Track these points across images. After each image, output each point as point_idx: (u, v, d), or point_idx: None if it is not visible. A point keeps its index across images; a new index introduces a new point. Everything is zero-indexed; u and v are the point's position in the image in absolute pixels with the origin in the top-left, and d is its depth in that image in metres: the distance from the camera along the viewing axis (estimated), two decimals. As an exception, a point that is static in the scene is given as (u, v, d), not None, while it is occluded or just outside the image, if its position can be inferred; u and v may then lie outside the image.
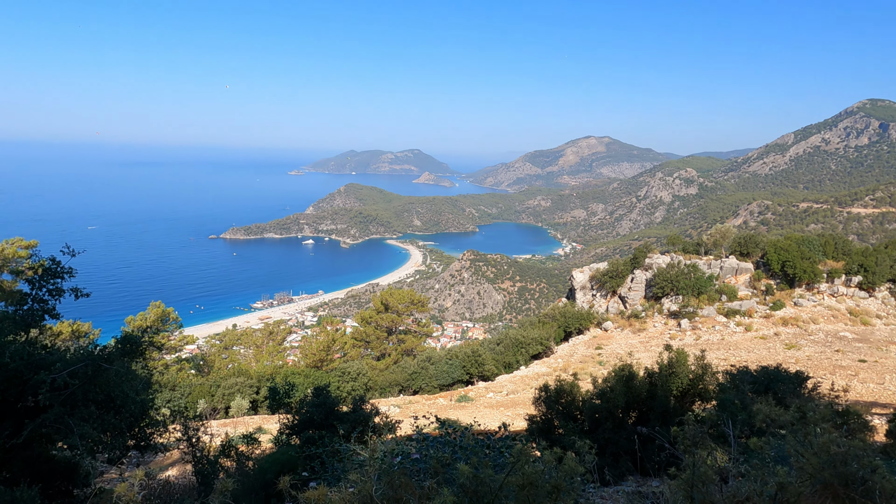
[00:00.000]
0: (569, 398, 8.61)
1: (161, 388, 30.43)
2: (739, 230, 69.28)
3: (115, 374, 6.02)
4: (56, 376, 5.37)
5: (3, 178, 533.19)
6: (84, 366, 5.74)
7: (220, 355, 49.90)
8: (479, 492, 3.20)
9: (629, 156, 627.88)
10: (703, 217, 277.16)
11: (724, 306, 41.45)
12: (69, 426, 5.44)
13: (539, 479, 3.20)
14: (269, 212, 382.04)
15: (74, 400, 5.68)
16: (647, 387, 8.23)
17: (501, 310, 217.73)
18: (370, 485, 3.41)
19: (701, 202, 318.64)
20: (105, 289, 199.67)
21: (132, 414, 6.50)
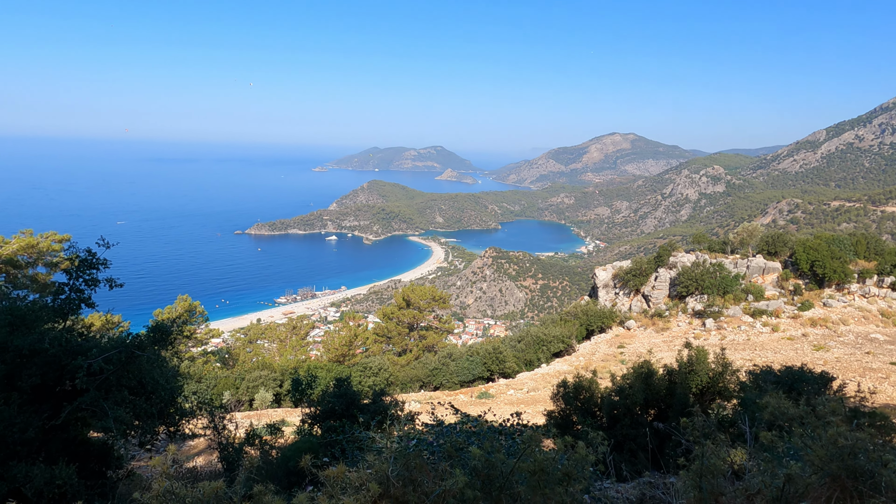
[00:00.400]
0: (587, 394, 8.62)
1: (187, 380, 31.16)
2: (768, 229, 67.89)
3: (147, 360, 6.28)
4: (92, 362, 5.63)
5: (40, 174, 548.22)
6: (118, 352, 5.99)
7: (244, 349, 50.69)
8: (491, 475, 3.27)
9: (655, 153, 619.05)
10: (731, 215, 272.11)
11: (751, 306, 40.75)
12: (104, 409, 5.70)
13: (550, 465, 3.26)
14: (293, 208, 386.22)
15: (109, 385, 5.95)
16: (666, 384, 8.20)
17: (523, 307, 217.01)
18: (386, 465, 3.52)
19: (728, 200, 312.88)
20: (134, 283, 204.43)
21: (162, 400, 6.75)
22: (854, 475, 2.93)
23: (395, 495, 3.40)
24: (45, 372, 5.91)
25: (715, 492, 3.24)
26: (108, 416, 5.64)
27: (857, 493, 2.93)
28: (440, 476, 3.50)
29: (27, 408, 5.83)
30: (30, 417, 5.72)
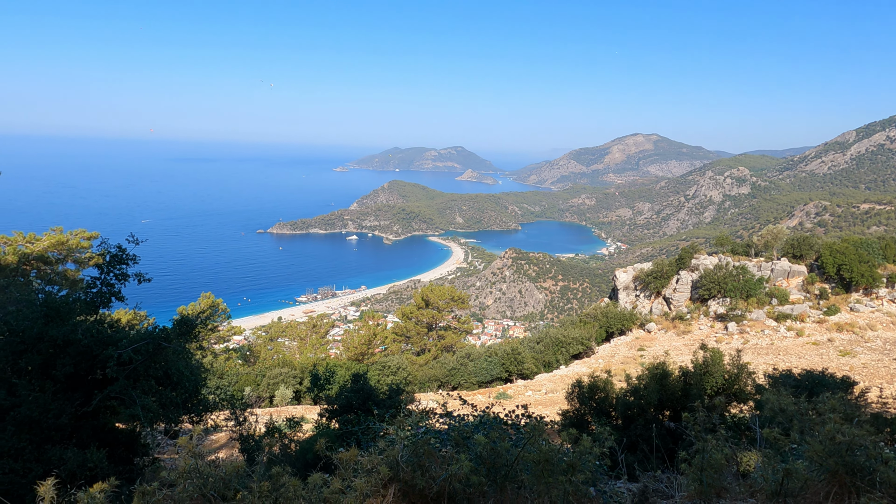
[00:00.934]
0: (602, 394, 8.65)
1: (210, 374, 31.70)
2: (794, 231, 66.71)
3: (172, 352, 6.51)
4: (122, 352, 5.88)
5: (70, 173, 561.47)
6: (146, 343, 6.25)
7: (265, 346, 51.35)
8: (497, 462, 3.37)
9: (678, 154, 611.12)
10: (756, 217, 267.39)
11: (775, 310, 40.10)
12: (132, 398, 5.96)
13: (555, 456, 3.35)
14: (314, 207, 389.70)
15: (137, 374, 6.20)
16: (680, 385, 8.19)
17: (543, 309, 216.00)
18: (396, 451, 3.64)
19: (753, 202, 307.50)
20: (159, 280, 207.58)
21: (186, 390, 7.00)
22: (851, 471, 2.95)
23: (405, 479, 3.53)
24: (77, 361, 6.20)
25: (716, 485, 3.29)
26: (136, 404, 5.91)
27: (854, 488, 2.96)
28: (447, 462, 3.61)
29: (61, 395, 6.14)
30: (63, 404, 6.02)
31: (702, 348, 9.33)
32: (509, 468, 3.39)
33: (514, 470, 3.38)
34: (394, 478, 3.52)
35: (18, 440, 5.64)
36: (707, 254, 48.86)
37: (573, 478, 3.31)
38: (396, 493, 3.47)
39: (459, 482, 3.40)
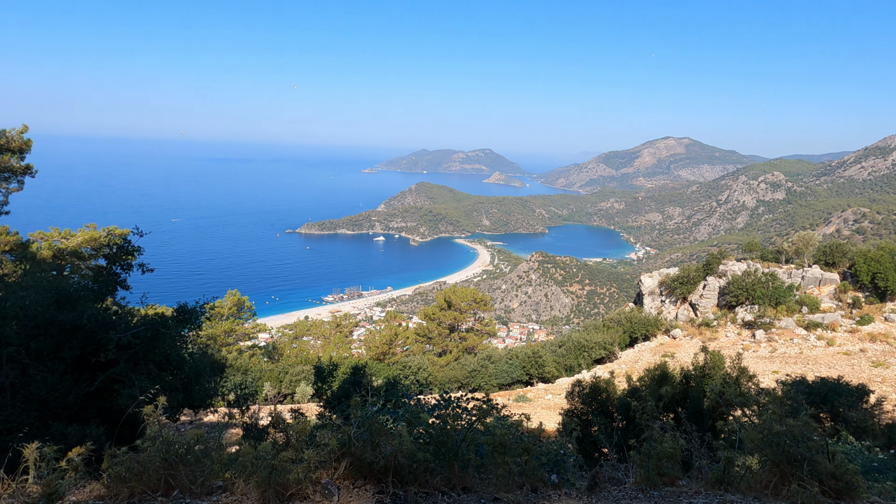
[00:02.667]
0: (604, 395, 8.64)
1: (231, 368, 32.46)
2: (831, 239, 64.91)
3: (170, 338, 6.81)
4: (121, 336, 6.17)
5: (109, 171, 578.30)
6: (144, 329, 6.55)
7: (290, 344, 52.11)
8: (446, 442, 3.48)
9: (710, 158, 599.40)
10: (791, 224, 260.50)
11: (805, 318, 39.13)
12: (131, 380, 6.26)
13: (510, 440, 3.44)
14: (342, 208, 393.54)
15: (137, 358, 6.51)
16: (680, 387, 8.14)
17: (569, 313, 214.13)
18: (350, 428, 3.81)
19: (788, 208, 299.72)
20: (189, 277, 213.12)
21: (186, 376, 7.30)
22: (791, 461, 2.96)
23: (356, 453, 3.68)
24: (84, 345, 6.54)
25: (668, 474, 3.33)
26: (135, 386, 6.21)
27: (795, 478, 2.96)
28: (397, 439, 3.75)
29: (68, 376, 6.49)
30: (70, 385, 6.37)
31: (702, 350, 9.25)
32: (457, 447, 3.50)
33: (462, 449, 3.49)
34: (347, 452, 3.68)
35: (27, 416, 6.02)
36: (735, 260, 47.92)
37: (527, 461, 3.40)
38: (348, 466, 3.63)
39: (405, 457, 3.54)
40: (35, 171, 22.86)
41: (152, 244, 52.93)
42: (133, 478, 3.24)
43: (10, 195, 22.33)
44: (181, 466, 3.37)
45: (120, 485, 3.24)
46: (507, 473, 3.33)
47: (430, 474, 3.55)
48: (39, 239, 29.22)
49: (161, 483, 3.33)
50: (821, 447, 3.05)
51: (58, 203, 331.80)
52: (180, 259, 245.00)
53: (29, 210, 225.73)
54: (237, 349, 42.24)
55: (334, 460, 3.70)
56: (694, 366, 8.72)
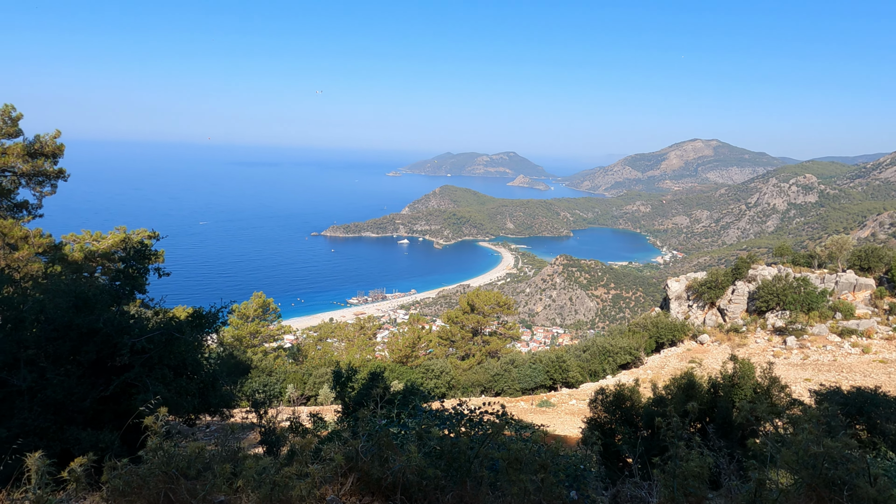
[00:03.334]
0: (629, 403, 8.39)
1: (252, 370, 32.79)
2: (866, 243, 63.00)
3: (184, 343, 6.80)
4: (135, 340, 6.19)
5: (140, 175, 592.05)
6: (159, 333, 6.57)
7: (314, 346, 52.46)
8: (456, 457, 3.34)
9: (740, 160, 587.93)
10: (823, 227, 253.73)
11: (839, 325, 37.95)
12: (146, 384, 6.28)
13: (525, 455, 3.29)
14: (367, 211, 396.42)
15: (152, 363, 6.52)
16: (709, 397, 7.85)
17: (594, 317, 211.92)
18: (358, 442, 3.69)
19: (821, 211, 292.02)
20: (218, 279, 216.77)
21: (203, 380, 7.30)
22: (829, 485, 2.76)
23: (363, 468, 3.56)
24: (100, 349, 6.60)
25: (696, 494, 3.14)
26: (149, 391, 6.22)
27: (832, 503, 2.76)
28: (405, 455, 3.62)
29: (85, 381, 6.55)
30: (87, 389, 6.42)
31: (731, 359, 8.93)
32: (469, 463, 3.36)
33: (475, 465, 3.35)
34: (354, 467, 3.57)
35: (44, 420, 6.09)
36: (766, 264, 46.77)
37: (545, 478, 3.25)
38: (355, 482, 3.52)
39: (414, 474, 3.41)
40: (68, 175, 23.41)
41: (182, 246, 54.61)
42: (132, 492, 3.19)
43: (43, 198, 22.90)
44: (182, 480, 3.32)
45: (119, 498, 3.20)
46: (522, 492, 3.19)
47: (440, 492, 3.42)
48: (72, 241, 29.95)
49: (161, 497, 3.27)
50: (862, 470, 2.84)
51: (91, 206, 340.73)
52: (209, 261, 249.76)
53: (64, 213, 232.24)
54: (262, 350, 42.68)
55: (341, 475, 3.60)
56: (722, 375, 8.42)
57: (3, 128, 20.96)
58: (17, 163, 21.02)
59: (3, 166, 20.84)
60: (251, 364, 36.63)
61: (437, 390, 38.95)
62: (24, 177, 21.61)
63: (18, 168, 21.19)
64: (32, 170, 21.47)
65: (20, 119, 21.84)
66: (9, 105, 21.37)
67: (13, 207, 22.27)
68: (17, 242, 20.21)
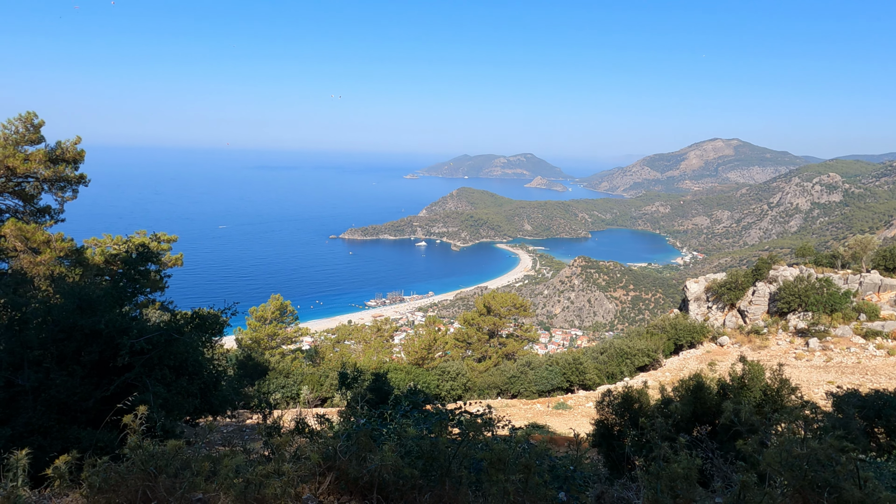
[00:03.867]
0: (637, 405, 8.28)
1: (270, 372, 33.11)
2: (892, 243, 61.51)
3: (184, 343, 6.89)
4: (134, 341, 6.29)
5: (161, 181, 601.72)
6: (158, 334, 6.66)
7: (332, 348, 52.77)
8: (437, 457, 3.31)
9: (761, 159, 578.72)
10: (848, 227, 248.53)
11: (863, 326, 37.14)
12: (145, 385, 6.37)
13: (507, 456, 3.25)
14: (384, 213, 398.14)
15: (152, 363, 6.62)
16: (717, 399, 7.70)
17: (613, 319, 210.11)
18: (337, 441, 3.69)
19: (845, 210, 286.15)
20: (239, 281, 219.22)
21: (204, 381, 7.38)
22: (814, 488, 2.67)
23: (341, 467, 3.56)
24: (102, 350, 6.73)
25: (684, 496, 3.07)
26: (149, 391, 6.31)
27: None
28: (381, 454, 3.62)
29: (88, 381, 6.68)
30: (90, 389, 6.55)
31: (740, 360, 8.77)
32: (448, 463, 3.33)
33: (454, 466, 3.32)
34: (332, 466, 3.57)
35: (48, 419, 6.22)
36: (787, 265, 45.96)
37: (528, 478, 3.21)
38: (333, 481, 3.51)
39: (390, 473, 3.40)
40: (88, 181, 23.88)
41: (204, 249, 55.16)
42: (110, 489, 3.24)
43: (65, 203, 23.40)
44: (161, 478, 3.36)
45: (98, 495, 3.24)
46: (502, 492, 3.15)
47: (417, 491, 3.40)
48: (93, 245, 30.54)
49: (139, 495, 3.31)
50: (850, 472, 2.75)
51: (115, 211, 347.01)
52: (230, 264, 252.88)
53: (90, 218, 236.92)
54: (280, 352, 43.06)
55: (319, 474, 3.62)
56: (731, 376, 8.27)
57: (26, 134, 21.48)
58: (40, 169, 21.52)
59: (26, 172, 21.35)
60: (269, 366, 37.00)
61: (453, 392, 38.93)
62: (46, 182, 22.11)
63: (41, 174, 21.67)
64: (54, 175, 21.95)
65: (42, 126, 22.34)
66: (31, 112, 21.87)
67: (36, 212, 22.81)
68: (39, 246, 20.68)
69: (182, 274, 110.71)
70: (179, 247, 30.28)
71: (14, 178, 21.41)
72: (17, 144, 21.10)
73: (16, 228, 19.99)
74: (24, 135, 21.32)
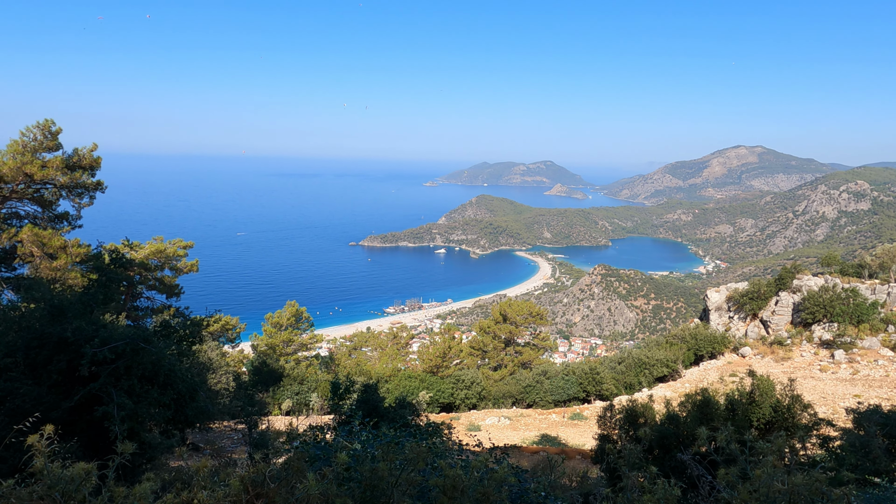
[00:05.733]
0: (642, 420, 7.90)
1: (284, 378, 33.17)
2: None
3: (154, 353, 6.68)
4: (96, 350, 6.13)
5: (185, 188, 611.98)
6: (124, 343, 6.48)
7: (348, 355, 52.76)
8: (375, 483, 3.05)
9: (786, 167, 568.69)
10: (877, 236, 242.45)
11: (891, 338, 35.92)
12: (110, 395, 6.18)
13: (462, 483, 2.97)
14: (404, 221, 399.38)
15: (118, 373, 6.43)
16: (724, 415, 7.30)
17: (633, 328, 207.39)
18: (266, 466, 3.44)
19: (874, 219, 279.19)
20: (259, 288, 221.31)
21: (178, 392, 7.17)
22: None
23: (269, 495, 3.31)
24: (71, 358, 6.56)
25: None
26: (112, 402, 6.10)
27: None
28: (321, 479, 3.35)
29: (56, 390, 6.52)
30: (58, 399, 6.38)
31: (749, 374, 8.33)
32: (391, 490, 3.07)
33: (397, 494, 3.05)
34: (260, 493, 3.31)
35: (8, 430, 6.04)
36: (812, 274, 44.75)
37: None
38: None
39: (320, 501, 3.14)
40: (105, 187, 24.17)
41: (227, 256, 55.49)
42: None
43: (82, 209, 23.72)
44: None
45: None
46: (446, 525, 2.89)
47: None
48: (111, 251, 30.97)
49: None
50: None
51: (141, 217, 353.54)
52: (250, 270, 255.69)
53: (116, 224, 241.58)
54: (294, 359, 43.13)
55: (246, 502, 3.37)
56: (739, 392, 7.85)
57: (44, 142, 21.83)
58: (57, 175, 21.83)
59: (44, 178, 21.69)
60: (283, 372, 37.01)
61: (468, 401, 38.53)
62: (63, 189, 22.45)
63: (58, 180, 22.00)
64: (71, 182, 22.27)
65: (59, 133, 22.68)
66: (49, 120, 22.23)
67: (54, 218, 23.14)
68: (56, 252, 20.96)
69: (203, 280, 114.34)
70: (201, 253, 30.46)
71: (33, 185, 21.77)
72: (35, 151, 21.47)
73: (32, 234, 20.33)
74: (42, 142, 21.69)
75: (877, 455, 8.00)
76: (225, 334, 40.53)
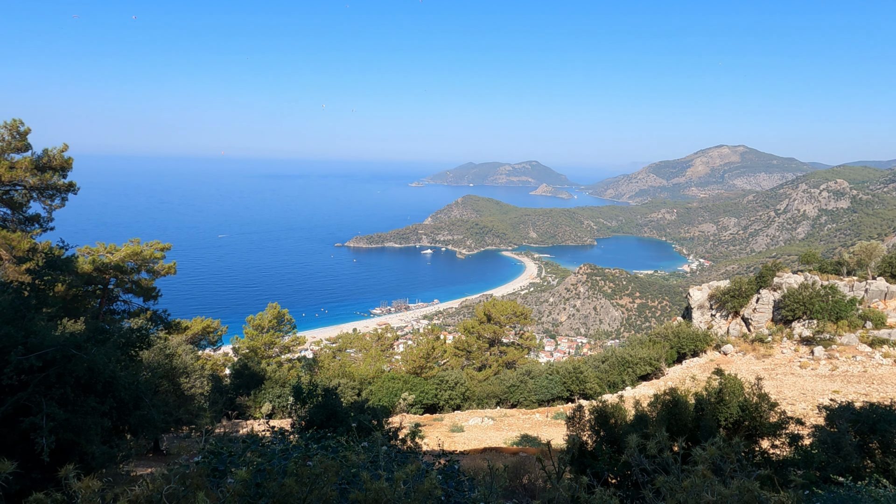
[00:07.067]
0: (613, 421, 7.78)
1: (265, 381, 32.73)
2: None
3: (90, 360, 6.38)
4: (21, 358, 5.82)
5: (167, 190, 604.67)
6: (53, 350, 6.17)
7: (332, 357, 52.34)
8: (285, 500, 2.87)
9: (767, 166, 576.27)
10: (856, 234, 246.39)
11: (869, 334, 36.33)
12: (39, 404, 5.86)
13: (386, 497, 2.80)
14: (390, 221, 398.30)
15: (49, 382, 6.11)
16: (692, 415, 7.20)
17: (619, 326, 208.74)
18: (161, 484, 3.25)
19: (853, 217, 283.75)
20: (242, 290, 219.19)
21: (119, 401, 6.87)
22: None
23: None
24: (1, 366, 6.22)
25: None
26: (41, 412, 5.77)
27: None
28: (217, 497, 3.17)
29: None
30: None
31: (716, 373, 8.26)
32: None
33: None
34: None
35: None
36: (792, 272, 45.20)
37: None
38: None
39: None
40: (77, 189, 23.66)
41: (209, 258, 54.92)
42: None
43: (53, 211, 23.18)
44: None
45: None
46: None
47: None
48: (86, 253, 30.36)
49: None
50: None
51: (121, 220, 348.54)
52: (234, 273, 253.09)
53: (97, 226, 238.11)
54: (276, 361, 42.66)
55: None
56: (707, 391, 7.76)
57: (12, 142, 21.26)
58: (26, 177, 21.27)
59: (13, 180, 21.12)
60: (265, 375, 36.55)
61: (451, 401, 38.34)
62: (33, 190, 21.89)
63: (27, 182, 21.45)
64: (41, 183, 21.72)
65: (28, 133, 22.14)
66: (17, 120, 21.67)
67: (25, 221, 22.57)
68: (25, 254, 20.40)
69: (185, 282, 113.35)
70: (182, 256, 30.04)
71: (1, 187, 21.20)
72: (3, 152, 20.90)
73: (0, 237, 19.72)
74: (10, 142, 21.11)
75: (848, 452, 7.96)
76: (206, 337, 39.98)
